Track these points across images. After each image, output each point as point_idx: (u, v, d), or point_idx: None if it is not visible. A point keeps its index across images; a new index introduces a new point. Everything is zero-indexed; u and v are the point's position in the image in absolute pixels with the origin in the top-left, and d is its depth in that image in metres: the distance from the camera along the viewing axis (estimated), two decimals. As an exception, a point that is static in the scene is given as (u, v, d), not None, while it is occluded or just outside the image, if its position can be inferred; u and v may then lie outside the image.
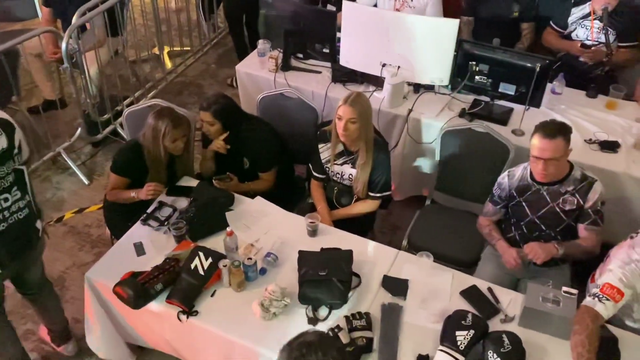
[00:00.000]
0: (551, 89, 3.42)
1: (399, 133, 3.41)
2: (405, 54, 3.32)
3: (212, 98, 2.96)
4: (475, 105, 3.33)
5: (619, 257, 2.25)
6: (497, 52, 3.19)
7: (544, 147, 2.46)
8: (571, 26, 3.81)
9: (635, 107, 3.39)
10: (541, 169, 2.51)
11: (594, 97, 3.47)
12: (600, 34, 3.62)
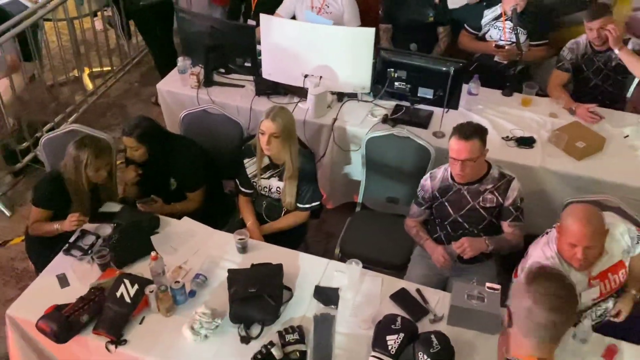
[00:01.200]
0: (467, 90, 3.54)
1: (326, 142, 3.45)
2: (326, 64, 3.37)
3: (134, 122, 2.90)
4: (397, 111, 3.40)
5: (535, 255, 2.36)
6: (413, 58, 3.27)
7: (460, 148, 2.54)
8: (484, 28, 3.96)
9: (549, 102, 3.55)
10: (459, 170, 2.59)
11: (509, 96, 3.61)
12: (512, 34, 3.77)
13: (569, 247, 2.23)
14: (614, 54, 3.48)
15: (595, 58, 3.55)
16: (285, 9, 4.16)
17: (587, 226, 2.17)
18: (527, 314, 1.64)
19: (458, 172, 2.61)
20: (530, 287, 1.65)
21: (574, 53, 3.60)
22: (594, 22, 3.40)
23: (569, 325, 1.66)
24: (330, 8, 4.05)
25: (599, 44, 3.48)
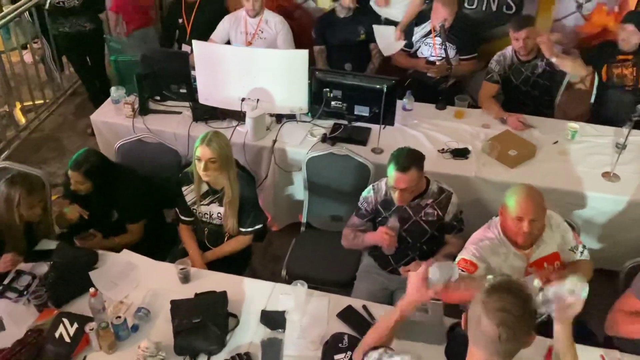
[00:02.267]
0: (402, 106, 3.62)
1: (267, 164, 3.45)
2: (263, 87, 3.39)
3: (81, 157, 2.83)
4: (335, 130, 3.44)
5: (475, 237, 2.47)
6: (347, 78, 3.33)
7: (398, 179, 2.59)
8: (416, 45, 4.08)
9: (481, 113, 3.67)
10: (398, 197, 2.64)
11: (443, 109, 3.71)
12: (441, 49, 3.89)
13: (514, 222, 2.35)
14: (539, 62, 3.64)
15: (522, 67, 3.70)
16: (220, 34, 4.18)
17: (531, 199, 2.33)
18: (477, 322, 1.64)
19: (397, 198, 2.65)
20: (484, 297, 1.64)
21: (501, 65, 3.74)
22: (520, 32, 3.55)
23: (518, 343, 1.61)
24: (265, 33, 4.08)
25: (525, 54, 3.64)
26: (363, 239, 2.81)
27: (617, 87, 3.79)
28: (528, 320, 1.62)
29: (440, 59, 3.93)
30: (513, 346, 1.61)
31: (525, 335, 1.62)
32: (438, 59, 3.98)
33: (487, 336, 1.61)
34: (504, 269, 2.42)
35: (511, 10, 4.18)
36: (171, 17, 4.46)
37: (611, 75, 3.79)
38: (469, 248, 2.44)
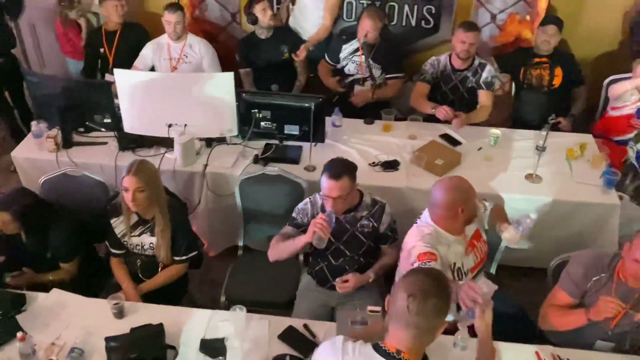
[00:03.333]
0: (332, 122, 3.66)
1: (199, 189, 3.40)
2: (189, 112, 3.34)
3: (10, 197, 2.72)
4: (267, 150, 3.44)
5: (413, 237, 2.52)
6: (274, 98, 3.35)
7: (331, 187, 2.61)
8: (343, 61, 4.14)
9: (407, 125, 3.75)
10: (331, 206, 2.65)
11: (370, 124, 3.78)
12: (367, 67, 3.96)
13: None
14: (470, 76, 3.76)
15: (454, 75, 3.81)
16: (143, 61, 4.11)
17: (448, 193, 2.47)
18: (393, 300, 1.75)
19: (330, 207, 2.67)
20: (403, 276, 1.79)
21: (435, 68, 3.85)
22: (469, 34, 3.64)
23: (427, 319, 1.69)
24: (189, 57, 4.05)
25: (464, 58, 3.74)
26: (295, 241, 2.72)
27: (535, 89, 3.98)
28: (439, 301, 1.71)
29: (366, 77, 4.01)
30: (423, 321, 1.70)
31: (434, 316, 1.70)
32: (363, 77, 4.05)
33: (400, 308, 1.70)
34: (450, 255, 2.52)
35: (429, 25, 4.32)
36: (92, 47, 4.36)
37: (529, 77, 3.98)
38: (418, 245, 2.45)
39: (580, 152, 3.45)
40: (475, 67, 3.80)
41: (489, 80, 3.78)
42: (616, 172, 3.22)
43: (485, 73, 3.78)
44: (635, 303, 2.33)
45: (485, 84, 3.79)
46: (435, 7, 4.29)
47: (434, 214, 2.54)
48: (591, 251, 2.48)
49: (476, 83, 3.80)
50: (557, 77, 3.94)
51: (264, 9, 4.01)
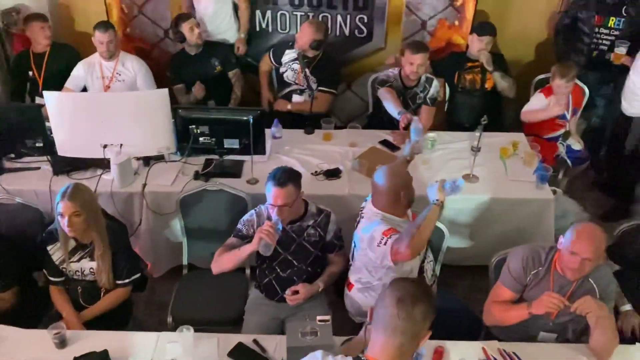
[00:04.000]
0: (272, 134, 3.66)
1: (139, 210, 3.33)
2: (125, 131, 3.27)
3: None
4: (207, 165, 3.40)
5: (369, 227, 2.60)
6: (211, 112, 3.33)
7: (277, 194, 2.62)
8: (284, 66, 4.13)
9: (347, 133, 3.80)
10: (277, 214, 2.66)
11: (311, 133, 3.80)
12: (304, 78, 3.98)
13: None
14: (419, 91, 3.83)
15: (404, 92, 3.85)
16: (74, 82, 4.02)
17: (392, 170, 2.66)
18: (380, 305, 1.76)
19: (277, 216, 2.67)
20: (390, 284, 1.80)
21: (390, 80, 3.86)
22: (416, 56, 3.67)
23: (414, 325, 1.70)
24: (123, 76, 3.98)
25: (414, 79, 3.78)
26: (240, 250, 2.70)
27: (468, 93, 4.11)
28: (426, 306, 1.72)
29: (303, 87, 4.03)
30: (410, 327, 1.70)
31: (421, 322, 1.71)
32: (301, 87, 4.07)
33: (387, 314, 1.71)
34: None
35: (363, 34, 4.40)
36: (19, 70, 4.22)
37: (463, 81, 4.11)
38: (377, 229, 2.55)
39: (514, 150, 3.57)
40: (424, 82, 3.86)
41: (434, 96, 3.86)
42: (548, 167, 3.35)
43: (433, 89, 3.85)
44: (572, 294, 2.41)
45: (430, 100, 3.86)
46: (367, 17, 4.37)
47: (379, 202, 2.66)
48: (528, 246, 2.55)
49: (424, 99, 3.87)
50: (489, 80, 4.08)
51: (191, 27, 3.98)
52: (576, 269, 2.32)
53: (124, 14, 4.44)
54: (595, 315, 2.26)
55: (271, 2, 4.36)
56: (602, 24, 4.18)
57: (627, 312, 2.71)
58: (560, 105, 3.83)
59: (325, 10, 4.35)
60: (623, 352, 2.39)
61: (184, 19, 4.00)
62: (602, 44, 4.22)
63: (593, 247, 2.28)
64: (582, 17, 4.23)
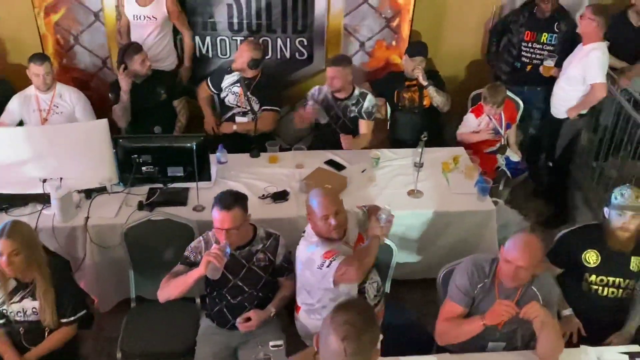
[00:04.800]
0: (217, 159, 3.64)
1: (83, 244, 3.24)
2: (64, 164, 3.20)
3: None
4: (152, 195, 3.36)
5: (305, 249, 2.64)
6: (153, 140, 3.29)
7: (223, 218, 2.61)
8: (224, 91, 4.14)
9: (293, 155, 3.80)
10: (224, 239, 2.64)
11: (257, 157, 3.80)
12: (246, 100, 3.99)
13: (322, 221, 2.60)
14: (351, 104, 3.90)
15: (335, 104, 3.93)
16: (9, 116, 3.91)
17: (327, 195, 2.66)
18: (325, 340, 1.72)
19: (225, 241, 2.65)
20: (331, 314, 1.75)
21: (315, 98, 3.96)
22: (332, 69, 3.81)
23: (363, 357, 1.70)
24: (60, 108, 3.89)
25: (335, 90, 3.88)
26: (187, 276, 2.64)
27: (408, 110, 4.22)
28: (371, 334, 1.72)
29: (246, 109, 4.04)
30: (359, 357, 1.69)
31: (369, 350, 1.71)
32: (243, 109, 4.09)
33: (334, 351, 1.68)
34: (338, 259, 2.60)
35: (303, 56, 4.46)
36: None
37: (402, 100, 4.21)
38: (316, 252, 2.58)
39: (455, 164, 3.67)
40: (357, 96, 3.95)
41: (369, 110, 3.95)
42: (488, 180, 3.46)
43: (367, 103, 3.94)
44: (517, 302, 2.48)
45: (366, 114, 3.94)
46: (307, 39, 4.43)
47: (314, 224, 2.67)
48: (472, 259, 2.61)
49: (358, 112, 3.95)
50: (426, 98, 4.19)
51: (142, 60, 3.93)
52: (511, 277, 2.40)
53: (60, 44, 4.36)
54: (540, 320, 2.33)
55: (210, 28, 4.37)
56: (535, 39, 4.39)
57: (567, 317, 2.81)
58: (488, 131, 4.06)
59: (264, 34, 4.40)
60: (568, 355, 2.47)
61: (134, 51, 3.92)
62: (536, 58, 4.41)
63: (526, 255, 2.36)
64: (512, 29, 4.45)
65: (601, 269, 2.81)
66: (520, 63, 4.46)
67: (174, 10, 4.20)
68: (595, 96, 3.97)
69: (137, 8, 4.15)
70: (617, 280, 2.81)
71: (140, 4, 4.15)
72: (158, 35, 4.24)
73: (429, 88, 4.11)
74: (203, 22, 4.34)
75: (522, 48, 4.42)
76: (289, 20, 4.35)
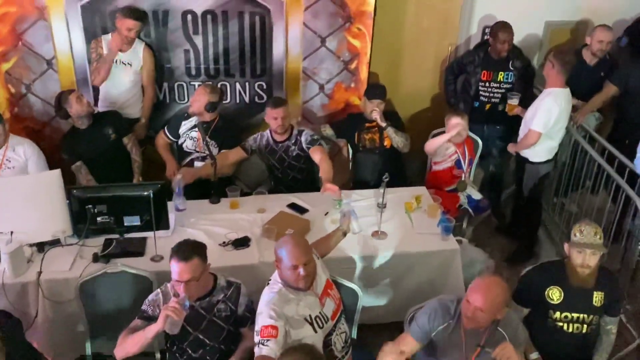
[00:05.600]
0: (175, 207, 3.60)
1: (35, 300, 3.12)
2: (16, 217, 3.10)
3: None
4: (107, 246, 3.28)
5: (264, 299, 2.60)
6: (108, 190, 3.23)
7: (182, 270, 2.57)
8: (182, 137, 4.13)
9: (254, 199, 3.79)
10: (183, 291, 2.60)
11: (217, 202, 3.77)
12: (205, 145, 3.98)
13: (291, 270, 2.58)
14: (291, 144, 3.93)
15: (277, 147, 3.97)
16: (-44, 169, 3.78)
17: (299, 245, 2.62)
18: None
19: (182, 292, 2.60)
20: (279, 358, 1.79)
21: (257, 142, 4.02)
22: (277, 110, 3.84)
23: None
24: (13, 162, 3.78)
25: (281, 132, 3.92)
26: (145, 331, 2.59)
27: (369, 151, 4.27)
28: None
29: (205, 154, 4.03)
30: None
31: None
32: (202, 154, 4.07)
33: None
34: (302, 310, 2.58)
35: (263, 100, 4.49)
36: None
37: (363, 141, 4.26)
38: (263, 312, 2.52)
39: (417, 204, 3.71)
40: (295, 135, 4.02)
41: (310, 139, 3.98)
42: (450, 219, 3.50)
43: (304, 137, 3.99)
44: (487, 341, 2.49)
45: (310, 143, 3.97)
46: (266, 83, 4.48)
47: (281, 272, 2.64)
48: (438, 299, 2.64)
49: (299, 149, 4.00)
50: (387, 139, 4.25)
51: (78, 97, 3.90)
52: (469, 317, 2.44)
53: (11, 94, 4.29)
54: None
55: (167, 74, 4.38)
56: (492, 78, 4.54)
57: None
58: (462, 126, 4.06)
59: (223, 78, 4.43)
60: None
61: (67, 93, 3.92)
62: (494, 97, 4.56)
63: (485, 298, 2.40)
64: (469, 70, 4.58)
65: (565, 306, 2.84)
66: (479, 102, 4.59)
67: (149, 61, 4.25)
68: (527, 141, 4.06)
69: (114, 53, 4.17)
70: (581, 316, 2.84)
71: (120, 50, 4.16)
72: (130, 84, 4.25)
73: (388, 129, 4.17)
74: (160, 67, 4.35)
75: (479, 87, 4.56)
76: (248, 65, 4.40)
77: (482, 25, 4.91)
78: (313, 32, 4.34)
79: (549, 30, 5.00)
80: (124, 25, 4.02)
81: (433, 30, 4.87)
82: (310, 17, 4.29)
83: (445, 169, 4.22)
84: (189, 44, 4.28)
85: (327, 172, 3.77)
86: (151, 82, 4.33)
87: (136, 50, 4.20)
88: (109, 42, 4.12)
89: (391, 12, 4.68)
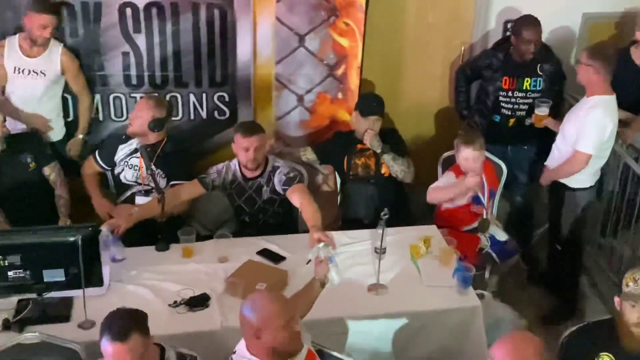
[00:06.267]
0: (111, 257, 3.57)
1: None
2: None
3: None
4: (22, 309, 3.24)
5: None
6: (24, 236, 3.19)
7: (116, 351, 2.53)
8: (119, 166, 4.11)
9: (215, 245, 3.76)
10: None
11: (165, 250, 3.76)
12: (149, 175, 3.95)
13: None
14: (264, 183, 3.92)
15: (247, 185, 3.97)
16: None
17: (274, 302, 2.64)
18: None
19: None
20: None
21: (221, 176, 3.99)
22: (250, 139, 3.82)
23: None
24: None
25: (253, 167, 3.90)
26: None
27: (362, 180, 4.26)
28: None
29: (149, 187, 4.01)
30: None
31: None
32: (147, 187, 4.05)
33: None
34: None
35: (225, 115, 4.52)
36: None
37: (355, 167, 4.26)
38: None
39: (426, 248, 3.70)
40: (268, 173, 4.00)
41: (286, 179, 3.94)
42: (469, 267, 3.48)
43: (277, 177, 3.97)
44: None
45: (285, 184, 3.95)
46: (228, 94, 4.51)
47: (251, 344, 2.63)
48: None
49: (272, 192, 3.99)
50: (385, 165, 4.24)
51: None
52: None
53: None
54: None
55: (100, 84, 4.39)
56: (515, 87, 4.54)
57: None
58: (475, 177, 3.95)
59: (173, 89, 4.46)
60: None
61: None
62: (520, 109, 4.58)
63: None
64: (486, 75, 4.61)
65: (618, 377, 2.84)
66: (500, 116, 4.61)
67: (71, 67, 4.25)
68: (573, 167, 4.06)
69: (21, 59, 4.17)
70: (638, 390, 2.83)
71: (27, 54, 4.16)
72: (44, 97, 4.25)
73: (384, 156, 4.18)
74: (91, 75, 4.36)
75: (500, 98, 4.57)
76: (205, 71, 4.44)
77: (502, 19, 4.98)
78: (289, 29, 4.39)
79: (587, 24, 5.05)
80: (36, 22, 4.02)
81: (441, 26, 4.92)
82: (284, 9, 4.34)
83: (459, 207, 4.20)
84: (128, 46, 4.32)
85: (313, 218, 3.70)
86: (82, 86, 4.33)
87: (52, 55, 4.20)
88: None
89: (388, 3, 4.74)
